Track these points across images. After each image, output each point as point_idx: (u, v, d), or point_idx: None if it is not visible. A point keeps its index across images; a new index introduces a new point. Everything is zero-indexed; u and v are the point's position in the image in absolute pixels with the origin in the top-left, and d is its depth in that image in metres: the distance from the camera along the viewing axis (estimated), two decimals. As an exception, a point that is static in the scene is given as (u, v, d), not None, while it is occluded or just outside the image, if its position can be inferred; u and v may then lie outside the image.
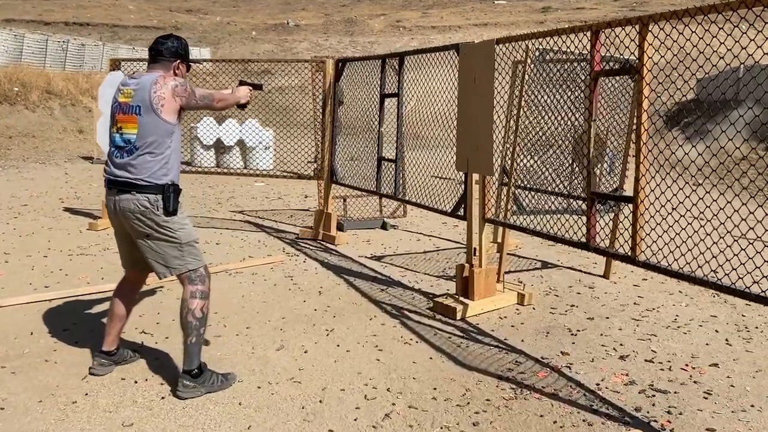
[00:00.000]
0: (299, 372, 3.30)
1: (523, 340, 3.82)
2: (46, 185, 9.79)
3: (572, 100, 4.38)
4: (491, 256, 5.08)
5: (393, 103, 5.54)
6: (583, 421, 2.83)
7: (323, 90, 6.42)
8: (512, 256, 5.88)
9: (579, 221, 3.85)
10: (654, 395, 3.10)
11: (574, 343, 3.79)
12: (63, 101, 17.55)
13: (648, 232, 3.35)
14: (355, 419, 2.82)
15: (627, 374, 3.34)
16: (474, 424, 2.79)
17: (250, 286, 4.85)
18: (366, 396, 3.04)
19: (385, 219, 7.34)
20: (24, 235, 6.29)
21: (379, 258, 5.84)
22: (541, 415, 2.87)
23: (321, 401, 2.98)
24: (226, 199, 9.07)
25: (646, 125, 3.21)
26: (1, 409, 2.83)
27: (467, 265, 4.38)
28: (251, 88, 3.50)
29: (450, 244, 6.53)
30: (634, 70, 3.41)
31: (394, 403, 2.98)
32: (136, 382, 3.13)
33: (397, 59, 5.49)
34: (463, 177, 4.57)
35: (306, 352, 3.58)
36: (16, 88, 16.44)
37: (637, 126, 3.27)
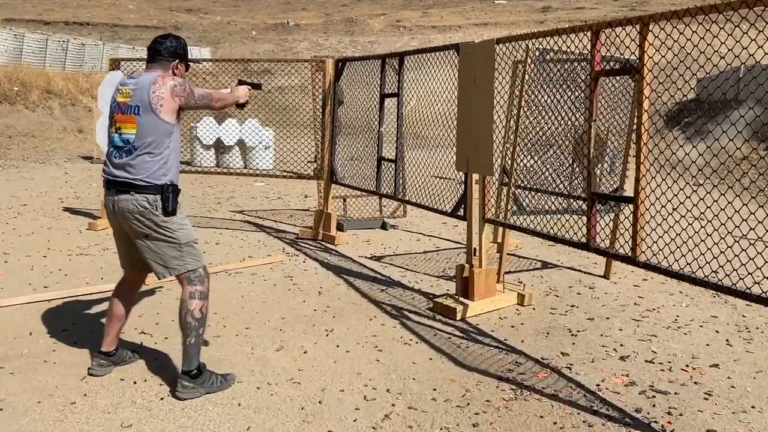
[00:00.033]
0: (299, 373, 3.29)
1: (523, 341, 3.81)
2: (45, 185, 9.78)
3: (572, 100, 4.37)
4: (491, 256, 5.07)
5: (393, 103, 5.53)
6: (584, 422, 2.82)
7: (323, 90, 6.40)
8: (512, 256, 5.87)
9: (579, 221, 3.85)
10: (654, 396, 3.09)
11: (574, 343, 3.79)
12: (63, 101, 17.54)
13: (648, 233, 3.34)
14: (355, 420, 2.81)
15: (627, 375, 3.33)
16: (474, 425, 2.78)
17: (250, 286, 4.84)
18: (365, 397, 3.04)
19: (385, 219, 7.33)
20: (23, 235, 6.29)
21: (378, 258, 5.83)
22: (541, 416, 2.86)
23: (320, 402, 2.97)
24: (225, 199, 9.06)
25: (646, 125, 3.20)
26: (0, 410, 2.83)
27: (467, 265, 4.38)
28: (250, 88, 3.49)
29: (450, 244, 6.52)
30: (634, 70, 3.40)
31: (393, 404, 2.97)
32: (135, 382, 3.12)
33: (397, 59, 5.48)
34: (463, 177, 4.56)
35: (305, 352, 3.57)
36: (16, 88, 16.44)
37: (637, 126, 3.26)
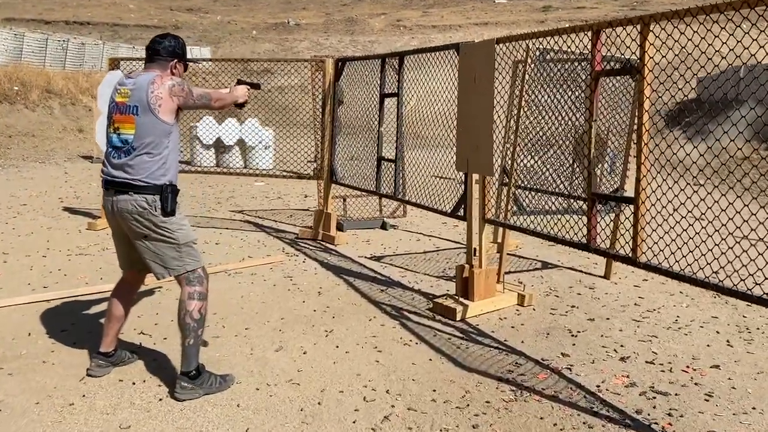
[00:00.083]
0: (298, 373, 3.28)
1: (523, 342, 3.80)
2: (45, 185, 9.77)
3: (573, 100, 4.36)
4: (491, 256, 5.06)
5: (393, 102, 5.52)
6: (584, 423, 2.81)
7: (323, 89, 6.39)
8: (512, 257, 5.86)
9: (579, 222, 3.83)
10: (655, 397, 3.08)
11: (574, 344, 3.77)
12: (63, 100, 17.53)
13: (649, 233, 3.33)
14: (354, 421, 2.80)
15: (628, 376, 3.32)
16: (473, 426, 2.77)
17: (250, 286, 4.83)
18: (365, 398, 3.03)
19: (385, 219, 7.32)
20: (23, 235, 6.28)
21: (378, 258, 5.82)
22: (541, 418, 2.85)
23: (320, 403, 2.96)
24: (225, 199, 9.05)
25: (647, 125, 3.19)
26: (-2, 410, 2.82)
27: (467, 265, 4.36)
28: (249, 88, 3.48)
29: (450, 244, 6.51)
30: (635, 70, 3.39)
31: (393, 405, 2.96)
32: (134, 383, 3.11)
33: (396, 59, 5.47)
34: (463, 177, 4.55)
35: (305, 353, 3.56)
36: (16, 87, 16.43)
37: (638, 126, 3.24)
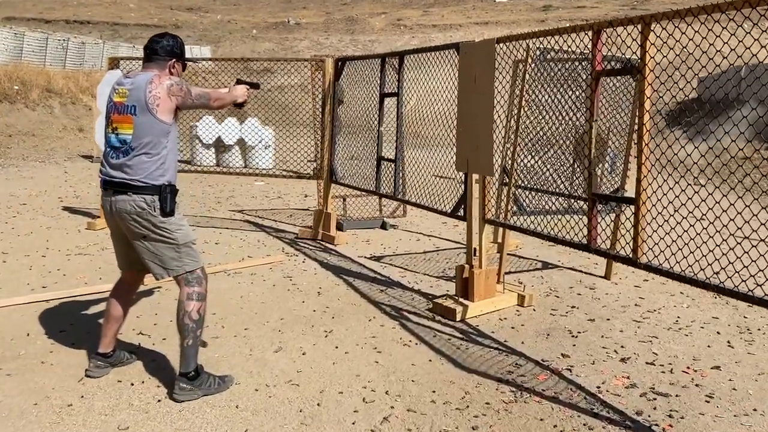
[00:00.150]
0: (297, 374, 3.27)
1: (523, 342, 3.79)
2: (45, 184, 9.76)
3: (573, 100, 4.35)
4: (491, 256, 5.05)
5: (393, 102, 5.50)
6: (584, 425, 2.80)
7: (323, 89, 6.38)
8: (512, 257, 5.85)
9: (580, 222, 3.82)
10: (655, 398, 3.07)
11: (574, 345, 3.76)
12: (63, 100, 17.52)
13: (650, 234, 3.32)
14: (353, 423, 2.79)
15: (628, 377, 3.31)
16: (473, 428, 2.76)
17: (249, 286, 4.82)
18: (364, 399, 3.02)
19: (385, 219, 7.31)
20: (22, 235, 6.27)
21: (378, 258, 5.81)
22: (542, 419, 2.84)
23: (319, 404, 2.95)
24: (225, 198, 9.04)
25: (647, 125, 3.18)
26: (-4, 411, 2.81)
27: (467, 265, 4.35)
28: (248, 87, 3.46)
29: (450, 244, 6.50)
30: (635, 70, 3.37)
31: (392, 407, 2.95)
32: (133, 384, 3.10)
33: (396, 58, 5.46)
34: (463, 177, 4.54)
35: (304, 353, 3.55)
36: (16, 87, 16.42)
37: (639, 126, 3.23)
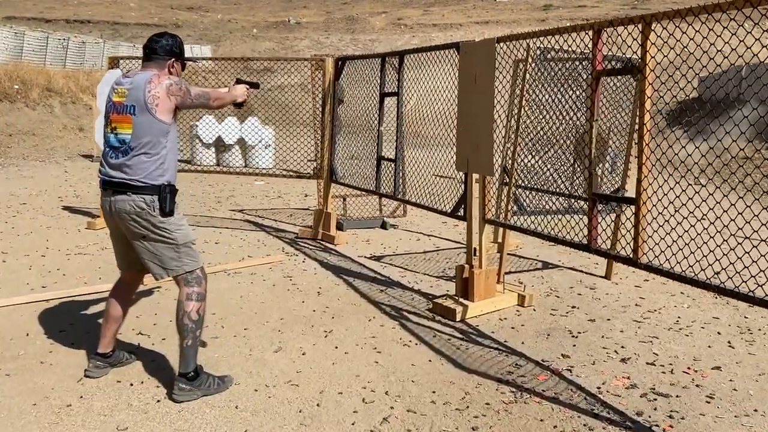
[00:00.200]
0: (297, 374, 3.27)
1: (523, 342, 3.78)
2: (45, 183, 9.76)
3: (573, 100, 4.34)
4: (491, 256, 5.04)
5: (393, 102, 5.49)
6: (584, 425, 2.79)
7: (323, 88, 6.37)
8: (513, 257, 5.84)
9: (580, 222, 3.81)
10: (656, 399, 3.06)
11: (575, 345, 3.75)
12: (63, 99, 17.52)
13: (650, 234, 3.31)
14: (353, 423, 2.78)
15: (628, 377, 3.30)
16: (473, 428, 2.75)
17: (249, 286, 4.81)
18: (364, 399, 3.01)
19: (385, 218, 7.30)
20: (22, 234, 6.26)
21: (378, 258, 5.80)
22: (542, 420, 2.83)
23: (318, 405, 2.94)
24: (225, 198, 9.04)
25: (648, 125, 3.17)
26: (-5, 412, 2.81)
27: (467, 265, 4.34)
28: (248, 87, 3.45)
29: (450, 244, 6.49)
30: (636, 70, 3.37)
31: (392, 407, 2.94)
32: (132, 384, 3.09)
33: (397, 58, 5.45)
34: (463, 177, 4.53)
35: (304, 354, 3.55)
36: (16, 86, 16.42)
37: (639, 126, 3.22)
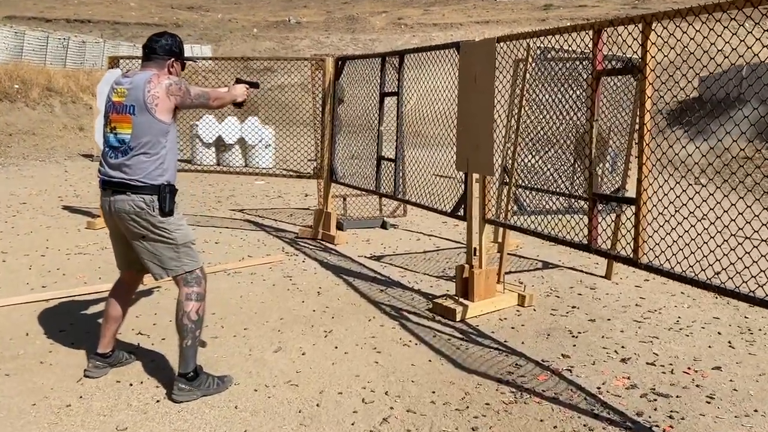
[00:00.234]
0: (296, 375, 3.26)
1: (523, 343, 3.78)
2: (45, 183, 9.75)
3: (574, 99, 4.33)
4: (491, 256, 5.04)
5: (393, 101, 5.49)
6: (584, 426, 2.78)
7: (323, 88, 6.37)
8: (513, 256, 5.84)
9: (581, 222, 3.81)
10: (656, 399, 3.06)
11: (575, 345, 3.75)
12: (63, 98, 17.51)
13: (651, 234, 3.31)
14: (353, 423, 2.78)
15: (628, 377, 3.30)
16: (473, 429, 2.75)
17: (249, 286, 4.81)
18: (364, 399, 3.01)
19: (385, 218, 7.30)
20: (22, 234, 6.26)
21: (378, 258, 5.80)
22: (542, 420, 2.83)
23: (318, 405, 2.94)
24: (226, 198, 9.03)
25: (648, 125, 3.16)
26: (-6, 412, 2.80)
27: (467, 265, 4.34)
28: (248, 87, 3.45)
29: (450, 244, 6.48)
30: (636, 69, 3.36)
31: (392, 407, 2.94)
32: (131, 384, 3.09)
33: (397, 57, 5.44)
34: (463, 176, 4.52)
35: (304, 354, 3.54)
36: (16, 86, 16.41)
37: (639, 126, 3.22)
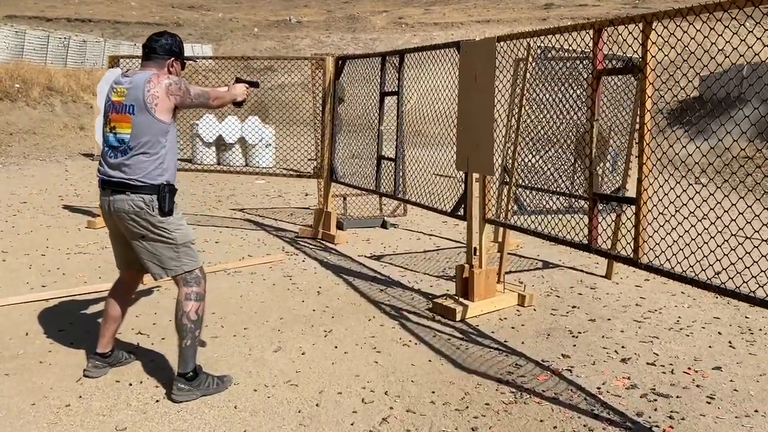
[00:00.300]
0: (296, 374, 3.26)
1: (523, 342, 3.78)
2: (46, 182, 9.75)
3: (574, 99, 4.33)
4: (491, 255, 5.03)
5: (393, 101, 5.48)
6: (584, 426, 2.78)
7: (323, 87, 6.37)
8: (513, 256, 5.83)
9: (581, 221, 3.80)
10: (656, 399, 3.05)
11: (575, 345, 3.75)
12: (64, 98, 17.51)
13: (651, 234, 3.30)
14: (352, 423, 2.78)
15: (629, 378, 3.29)
16: (473, 429, 2.75)
17: (249, 285, 4.81)
18: (363, 399, 3.00)
19: (385, 218, 7.30)
20: (22, 233, 6.26)
21: (378, 257, 5.79)
22: (541, 420, 2.83)
23: (318, 405, 2.94)
24: (226, 197, 9.03)
25: (649, 124, 3.16)
26: (-6, 412, 2.80)
27: (467, 265, 4.34)
28: (248, 86, 3.45)
29: (450, 244, 6.48)
30: (637, 69, 3.35)
31: (391, 407, 2.93)
32: (131, 384, 3.09)
33: (397, 57, 5.44)
34: (464, 176, 4.52)
35: (303, 353, 3.54)
36: (17, 85, 16.42)
37: (640, 125, 3.21)
